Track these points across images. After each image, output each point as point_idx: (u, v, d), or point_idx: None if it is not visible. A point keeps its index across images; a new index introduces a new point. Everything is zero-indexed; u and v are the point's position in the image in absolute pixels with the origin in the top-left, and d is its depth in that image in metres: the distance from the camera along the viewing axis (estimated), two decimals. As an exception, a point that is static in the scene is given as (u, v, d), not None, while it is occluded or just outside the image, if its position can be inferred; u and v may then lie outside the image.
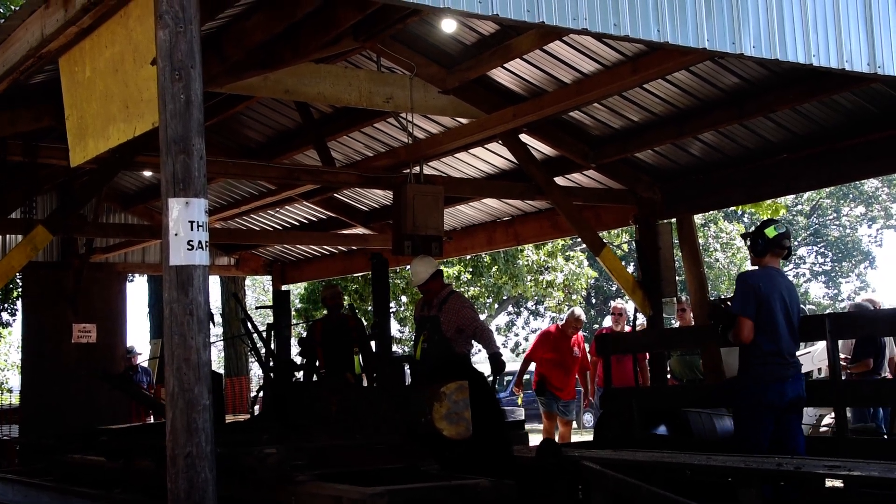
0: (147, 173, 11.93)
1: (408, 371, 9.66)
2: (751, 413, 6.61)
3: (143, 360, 17.02)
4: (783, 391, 6.51)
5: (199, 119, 4.20)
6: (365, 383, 9.14)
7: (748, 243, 6.88)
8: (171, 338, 4.12)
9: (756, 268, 6.83)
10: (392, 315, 24.61)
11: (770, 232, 6.71)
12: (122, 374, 13.86)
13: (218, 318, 26.69)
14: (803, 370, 12.21)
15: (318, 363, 10.40)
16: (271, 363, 8.29)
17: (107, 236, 13.87)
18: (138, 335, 56.65)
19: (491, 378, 8.68)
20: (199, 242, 4.15)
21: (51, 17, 5.12)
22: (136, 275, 20.56)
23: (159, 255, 14.54)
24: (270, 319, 9.48)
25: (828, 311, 19.86)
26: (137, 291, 44.71)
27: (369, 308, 20.79)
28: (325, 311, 11.43)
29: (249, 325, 8.67)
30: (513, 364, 33.90)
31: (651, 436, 8.13)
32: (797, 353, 7.04)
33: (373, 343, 9.42)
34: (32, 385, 13.77)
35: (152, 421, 14.24)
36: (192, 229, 4.14)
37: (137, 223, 14.43)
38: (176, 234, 4.13)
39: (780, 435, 6.57)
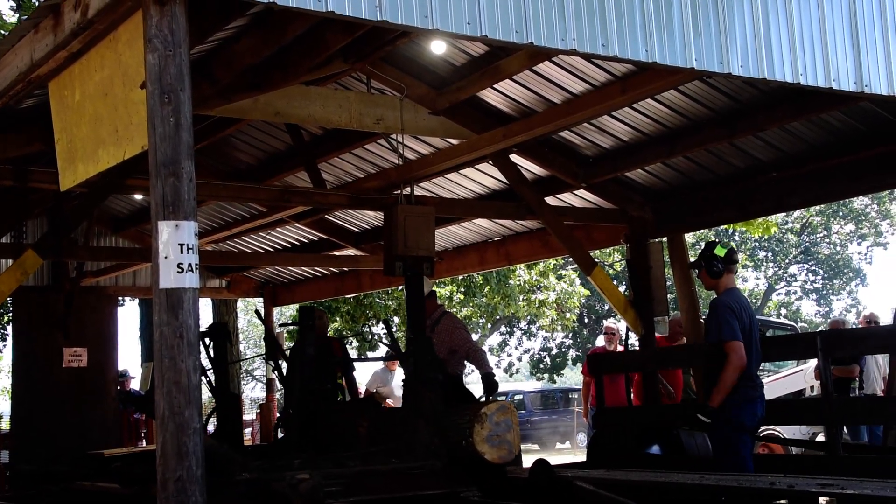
0: (138, 196, 11.92)
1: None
2: (733, 436, 6.64)
3: (135, 383, 16.95)
4: (755, 412, 6.56)
5: (189, 142, 4.21)
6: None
7: (701, 271, 6.86)
8: (162, 361, 4.11)
9: (727, 290, 6.85)
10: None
11: (720, 251, 6.76)
12: (146, 395, 13.78)
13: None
14: (796, 388, 12.30)
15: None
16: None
17: (97, 260, 13.83)
18: (130, 358, 56.38)
19: (484, 398, 8.65)
20: (189, 265, 4.15)
21: (40, 41, 5.12)
22: (128, 298, 20.52)
23: (150, 278, 14.53)
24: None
25: (819, 329, 19.92)
26: (129, 315, 44.57)
27: (366, 328, 20.78)
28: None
29: (274, 343, 8.56)
30: (505, 384, 33.85)
31: (644, 455, 8.12)
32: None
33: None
34: (23, 410, 13.69)
35: (144, 445, 14.19)
36: (181, 252, 4.14)
37: (128, 246, 14.40)
38: (166, 257, 4.14)
39: None
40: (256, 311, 11.51)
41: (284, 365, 9.07)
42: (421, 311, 7.28)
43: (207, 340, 9.44)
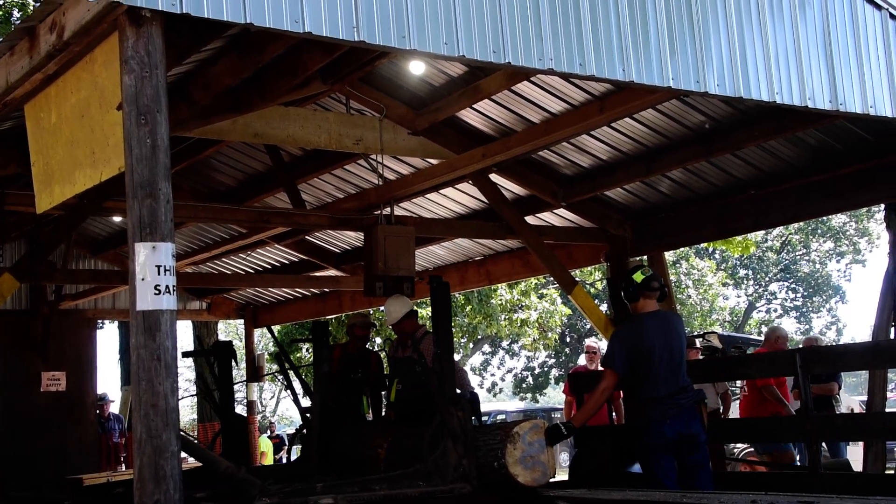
0: (117, 218, 11.87)
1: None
2: (643, 455, 6.71)
3: (115, 407, 16.82)
4: (663, 431, 6.56)
5: (166, 163, 4.20)
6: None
7: (622, 293, 6.98)
8: (139, 384, 4.08)
9: (631, 316, 6.94)
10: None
11: (638, 277, 6.85)
12: None
13: (189, 362, 26.30)
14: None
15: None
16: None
17: (76, 282, 13.75)
18: (110, 382, 55.99)
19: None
20: (167, 287, 4.13)
21: (15, 64, 5.10)
22: (107, 321, 20.39)
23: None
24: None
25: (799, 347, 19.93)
26: (108, 337, 44.23)
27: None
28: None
29: (286, 361, 8.40)
30: (488, 404, 33.76)
31: (626, 474, 8.09)
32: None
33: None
34: (1, 435, 13.55)
35: (123, 469, 14.06)
36: (159, 274, 4.12)
37: (107, 269, 14.32)
38: (143, 279, 4.12)
39: (681, 473, 6.65)
40: (268, 327, 11.35)
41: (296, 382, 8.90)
42: (447, 324, 6.99)
43: (212, 359, 9.28)
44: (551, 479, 6.31)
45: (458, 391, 8.79)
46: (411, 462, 6.44)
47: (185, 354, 12.72)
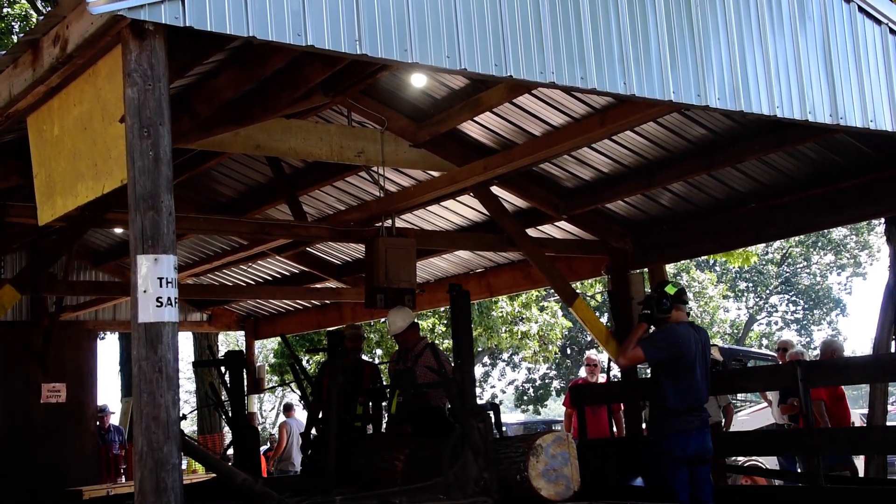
0: (118, 230, 11.88)
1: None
2: (667, 466, 6.70)
3: (115, 418, 16.79)
4: (686, 444, 6.58)
5: (168, 175, 4.21)
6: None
7: (652, 310, 6.97)
8: (140, 396, 4.08)
9: (672, 324, 6.94)
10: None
11: (671, 289, 6.91)
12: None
13: (190, 374, 26.28)
14: (770, 421, 12.30)
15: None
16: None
17: (77, 294, 13.75)
18: (110, 393, 55.88)
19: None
20: (169, 299, 4.13)
21: (18, 76, 5.11)
22: (108, 332, 20.37)
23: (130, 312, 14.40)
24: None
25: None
26: (109, 349, 44.09)
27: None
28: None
29: (300, 371, 8.34)
30: (489, 416, 33.65)
31: (627, 487, 8.09)
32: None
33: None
34: (1, 446, 13.53)
35: (123, 481, 14.03)
36: (161, 286, 4.12)
37: (108, 280, 14.32)
38: (145, 291, 4.12)
39: (691, 486, 6.67)
40: (282, 336, 11.28)
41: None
42: (468, 334, 6.86)
43: (223, 369, 9.25)
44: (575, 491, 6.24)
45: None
46: (430, 475, 6.36)
47: (196, 364, 12.65)
